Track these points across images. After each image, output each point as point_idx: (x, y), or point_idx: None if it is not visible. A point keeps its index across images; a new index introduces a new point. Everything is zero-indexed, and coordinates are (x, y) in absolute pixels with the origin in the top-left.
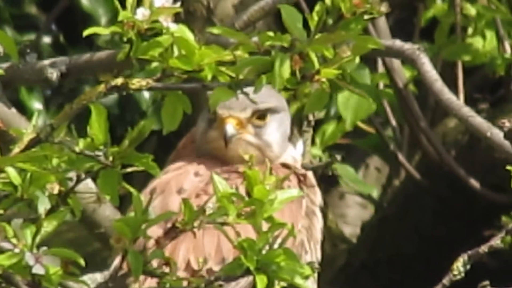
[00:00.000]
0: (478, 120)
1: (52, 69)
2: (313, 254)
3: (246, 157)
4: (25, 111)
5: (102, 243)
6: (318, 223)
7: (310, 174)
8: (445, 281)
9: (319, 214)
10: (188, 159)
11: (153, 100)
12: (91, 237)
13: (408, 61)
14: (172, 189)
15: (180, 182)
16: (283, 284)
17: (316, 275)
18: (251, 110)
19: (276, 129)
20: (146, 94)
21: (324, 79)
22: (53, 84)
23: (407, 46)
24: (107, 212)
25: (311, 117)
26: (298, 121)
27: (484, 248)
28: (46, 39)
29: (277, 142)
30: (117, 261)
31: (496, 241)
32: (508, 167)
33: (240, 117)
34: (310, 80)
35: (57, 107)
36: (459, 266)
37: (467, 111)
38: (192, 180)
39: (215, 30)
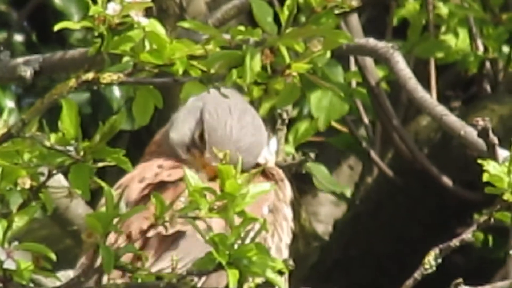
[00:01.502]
0: (452, 119)
1: (26, 67)
2: (278, 251)
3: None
4: None
5: (75, 240)
6: (285, 220)
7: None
8: (417, 275)
9: (287, 211)
10: (155, 159)
11: (125, 101)
12: (63, 234)
13: (382, 59)
14: (135, 180)
15: (143, 174)
16: (258, 280)
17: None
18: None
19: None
20: (118, 94)
21: (295, 73)
22: (27, 81)
23: (381, 45)
24: (80, 209)
25: (284, 115)
26: (271, 119)
27: (455, 242)
28: (18, 37)
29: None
30: (87, 255)
31: (467, 235)
32: (480, 161)
33: None
34: (281, 74)
35: (29, 106)
36: (431, 260)
37: (441, 109)
38: (154, 170)
39: (185, 25)
